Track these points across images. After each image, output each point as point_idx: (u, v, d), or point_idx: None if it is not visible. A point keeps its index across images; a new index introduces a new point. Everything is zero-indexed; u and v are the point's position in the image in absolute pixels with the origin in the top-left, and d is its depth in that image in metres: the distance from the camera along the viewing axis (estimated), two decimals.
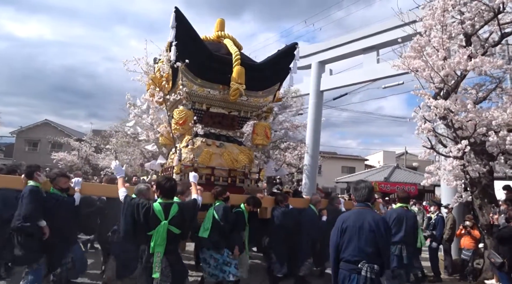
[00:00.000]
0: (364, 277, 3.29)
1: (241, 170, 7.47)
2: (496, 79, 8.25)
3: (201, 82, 7.20)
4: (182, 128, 6.92)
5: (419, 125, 6.20)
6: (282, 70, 8.05)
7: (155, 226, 3.66)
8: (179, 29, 6.73)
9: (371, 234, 3.40)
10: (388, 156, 38.45)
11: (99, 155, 22.94)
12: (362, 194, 3.65)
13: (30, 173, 4.78)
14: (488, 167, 6.63)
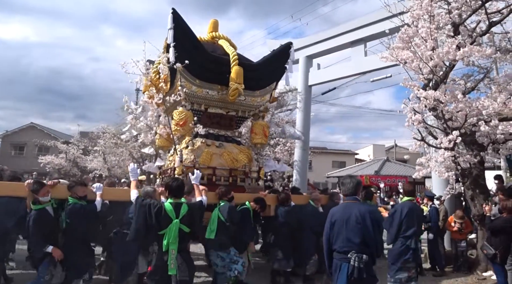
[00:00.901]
0: (352, 266, 3.52)
1: (242, 169, 7.53)
2: (484, 69, 8.25)
3: (200, 83, 7.24)
4: (183, 129, 6.97)
5: (409, 117, 6.12)
6: (278, 69, 8.12)
7: (166, 225, 3.87)
8: (177, 30, 6.72)
9: (358, 226, 3.63)
10: (377, 149, 38.64)
11: (87, 157, 22.62)
12: (349, 188, 3.89)
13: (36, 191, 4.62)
14: (479, 157, 6.59)
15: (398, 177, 20.12)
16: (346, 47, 13.36)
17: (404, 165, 25.02)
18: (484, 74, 8.09)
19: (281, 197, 6.52)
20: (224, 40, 8.15)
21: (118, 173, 20.46)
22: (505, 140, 6.29)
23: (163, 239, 3.88)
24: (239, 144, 8.12)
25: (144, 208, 3.98)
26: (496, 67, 8.56)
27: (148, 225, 3.94)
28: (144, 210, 3.96)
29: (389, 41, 7.45)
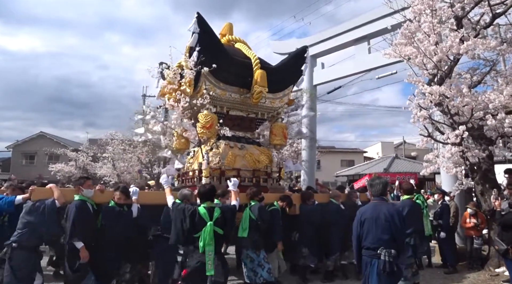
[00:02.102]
0: (383, 261, 3.77)
1: (264, 169, 7.75)
2: (490, 62, 8.13)
3: (223, 86, 7.41)
4: (209, 132, 7.14)
5: (414, 113, 6.06)
6: (295, 73, 8.33)
7: (201, 228, 4.04)
8: (202, 35, 6.89)
9: (387, 224, 3.90)
10: (386, 146, 38.29)
11: (96, 163, 22.80)
12: (378, 189, 4.19)
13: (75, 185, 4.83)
14: (488, 151, 6.49)
15: (408, 173, 19.93)
16: (350, 45, 13.31)
17: (413, 162, 24.74)
18: (490, 67, 7.98)
19: (304, 195, 6.72)
20: (241, 43, 8.35)
21: (127, 178, 20.60)
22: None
23: (199, 241, 4.03)
24: (259, 145, 8.31)
25: (179, 213, 4.19)
26: (504, 59, 8.42)
27: (184, 228, 4.12)
28: (180, 214, 4.17)
29: (392, 38, 7.39)
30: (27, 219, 4.47)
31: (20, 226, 4.48)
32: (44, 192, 4.81)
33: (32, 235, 4.47)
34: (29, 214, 4.50)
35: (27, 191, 4.95)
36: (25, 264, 4.46)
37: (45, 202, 4.63)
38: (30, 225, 4.46)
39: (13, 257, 4.36)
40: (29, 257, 4.51)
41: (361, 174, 22.48)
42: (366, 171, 22.64)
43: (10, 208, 4.75)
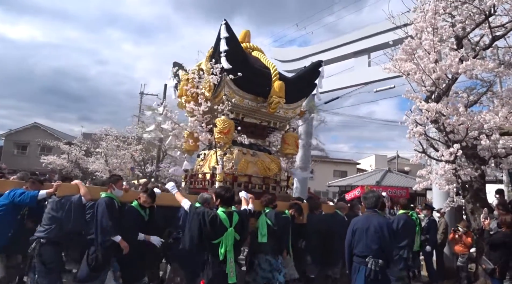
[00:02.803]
0: (369, 268, 4.07)
1: (273, 177, 7.91)
2: (487, 83, 8.24)
3: (242, 94, 7.56)
4: (226, 138, 7.26)
5: (410, 129, 6.12)
6: (309, 85, 8.57)
7: (221, 234, 3.94)
8: (229, 42, 7.04)
9: (376, 235, 4.20)
10: (379, 159, 38.53)
11: (89, 158, 22.70)
12: (371, 202, 4.52)
13: (107, 184, 4.93)
14: (480, 170, 6.56)
15: (399, 188, 20.02)
16: (350, 57, 13.45)
17: (405, 176, 24.89)
18: (487, 87, 8.08)
19: (312, 205, 6.92)
20: (258, 52, 8.52)
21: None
22: (506, 154, 6.27)
23: (219, 247, 3.91)
24: (270, 153, 8.45)
25: (198, 216, 4.03)
26: (500, 81, 8.54)
27: (202, 233, 3.99)
28: (199, 218, 4.01)
29: (393, 53, 7.47)
30: (54, 215, 4.54)
31: (47, 221, 4.54)
32: (69, 188, 4.85)
33: (60, 231, 4.55)
34: (55, 210, 4.56)
35: (46, 185, 4.99)
36: (55, 258, 4.60)
37: (72, 198, 4.69)
38: (57, 221, 4.53)
39: (42, 252, 4.44)
40: (57, 251, 4.67)
41: (353, 185, 22.53)
42: (358, 183, 22.70)
43: (33, 203, 4.71)
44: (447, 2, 6.20)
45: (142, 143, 20.53)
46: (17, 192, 4.70)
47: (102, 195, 4.78)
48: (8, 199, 4.68)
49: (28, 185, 4.90)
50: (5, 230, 4.77)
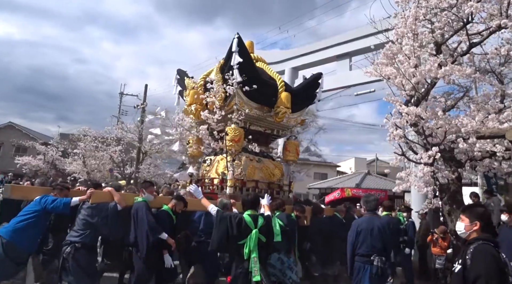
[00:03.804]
0: (376, 266, 4.43)
1: (277, 182, 8.53)
2: (464, 88, 8.48)
3: (251, 104, 8.08)
4: (237, 145, 7.69)
5: (390, 131, 6.24)
6: (310, 96, 9.24)
7: (246, 235, 4.20)
8: (241, 55, 7.51)
9: (380, 235, 4.63)
10: (359, 162, 39.09)
11: (66, 159, 22.18)
12: (372, 205, 5.01)
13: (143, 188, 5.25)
14: (457, 173, 6.73)
15: (378, 190, 20.35)
16: (332, 61, 13.61)
17: (384, 179, 25.30)
18: (464, 93, 8.32)
19: (316, 209, 7.43)
20: (262, 62, 9.07)
21: (97, 176, 20.16)
22: (482, 157, 6.46)
23: (244, 248, 4.18)
24: (273, 160, 8.98)
25: (225, 220, 4.28)
26: (476, 86, 8.79)
27: (229, 235, 4.24)
28: (226, 221, 4.26)
29: (374, 57, 7.61)
30: (89, 221, 4.74)
31: (82, 226, 4.73)
32: (103, 195, 5.04)
33: (95, 236, 4.84)
34: (91, 216, 4.76)
35: (72, 191, 5.26)
36: (90, 261, 4.84)
37: (107, 205, 4.91)
38: (92, 227, 4.74)
39: (77, 256, 4.60)
40: (92, 255, 4.91)
41: (333, 188, 22.78)
42: (338, 185, 22.95)
43: (66, 210, 4.85)
44: (427, 9, 6.36)
45: (122, 144, 20.20)
46: (48, 198, 4.81)
47: (138, 199, 5.08)
48: (40, 205, 4.76)
49: (57, 192, 5.03)
50: (37, 236, 4.90)
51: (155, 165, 21.05)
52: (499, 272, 2.32)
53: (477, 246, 2.49)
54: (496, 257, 2.38)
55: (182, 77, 9.25)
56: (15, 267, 4.64)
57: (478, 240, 2.53)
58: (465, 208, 2.89)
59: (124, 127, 20.93)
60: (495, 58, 7.19)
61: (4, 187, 5.27)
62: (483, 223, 2.63)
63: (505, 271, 2.35)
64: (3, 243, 4.48)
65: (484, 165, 6.55)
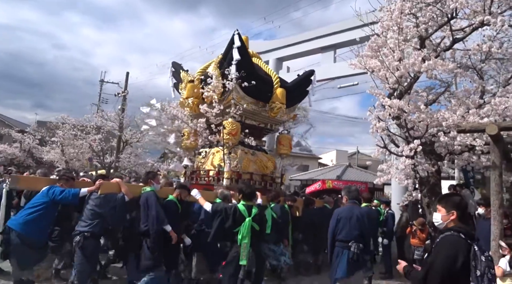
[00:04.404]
0: (352, 252, 4.71)
1: (270, 175, 8.83)
2: (445, 83, 8.63)
3: (248, 99, 8.29)
4: (234, 139, 7.90)
5: (373, 124, 6.29)
6: (303, 92, 9.63)
7: (240, 223, 4.52)
8: (241, 51, 7.79)
9: (358, 223, 4.87)
10: (340, 155, 39.45)
11: (43, 147, 21.58)
12: (353, 195, 5.26)
13: (146, 180, 5.37)
14: (436, 166, 6.87)
15: (359, 182, 20.62)
16: (316, 53, 13.63)
17: (365, 171, 25.63)
18: (445, 88, 8.47)
19: (307, 201, 7.76)
20: (257, 58, 9.41)
21: (76, 166, 19.72)
22: (461, 151, 6.60)
23: (238, 234, 4.50)
24: (266, 153, 9.26)
25: (221, 213, 4.62)
26: (456, 82, 8.94)
27: (225, 225, 4.57)
28: (221, 214, 4.60)
29: (359, 50, 7.64)
30: (98, 211, 4.87)
31: (90, 217, 4.85)
32: (111, 186, 5.17)
33: (103, 226, 4.94)
34: (99, 206, 4.90)
35: (77, 182, 5.44)
36: (96, 251, 5.03)
37: (116, 196, 5.07)
38: (100, 217, 4.87)
39: (85, 245, 4.74)
40: (98, 245, 5.09)
41: (315, 179, 22.95)
42: (319, 177, 23.12)
43: (75, 201, 4.94)
44: (413, 3, 6.39)
45: (101, 132, 19.80)
46: (56, 189, 4.88)
47: (146, 189, 5.17)
48: (48, 196, 4.84)
49: (63, 183, 5.08)
50: (47, 226, 5.03)
51: (136, 154, 20.73)
52: (455, 264, 2.26)
53: (445, 235, 2.44)
54: (459, 249, 2.31)
55: (177, 70, 9.45)
56: (36, 253, 4.84)
57: (451, 230, 2.47)
58: (441, 198, 2.81)
59: (104, 116, 20.49)
60: (477, 54, 7.32)
61: (11, 178, 5.30)
62: (460, 213, 2.55)
63: (470, 264, 2.26)
64: (17, 235, 4.66)
65: (463, 158, 6.70)
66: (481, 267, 2.26)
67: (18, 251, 4.71)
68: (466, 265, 2.27)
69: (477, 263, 2.27)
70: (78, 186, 5.15)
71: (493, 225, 4.78)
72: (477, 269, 2.25)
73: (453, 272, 2.27)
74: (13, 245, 4.69)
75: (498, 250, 4.70)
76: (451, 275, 2.27)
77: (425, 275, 2.37)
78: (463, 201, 2.68)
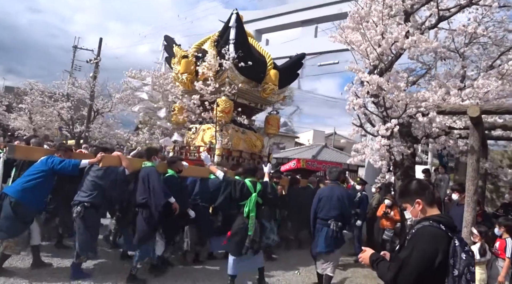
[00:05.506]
0: (331, 229, 5.03)
1: (258, 153, 9.10)
2: (426, 66, 8.40)
3: (242, 79, 8.38)
4: (227, 117, 8.06)
5: (351, 100, 5.98)
6: (294, 74, 9.80)
7: (247, 197, 4.95)
8: (238, 31, 7.99)
9: (338, 202, 5.12)
10: (317, 135, 39.40)
11: (10, 114, 20.43)
12: (334, 175, 5.44)
13: (149, 155, 5.39)
14: (412, 149, 6.68)
15: (334, 163, 20.57)
16: (297, 26, 13.15)
17: (340, 152, 25.66)
18: (426, 70, 8.25)
19: (293, 180, 7.98)
20: (251, 38, 9.50)
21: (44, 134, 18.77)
22: (438, 135, 6.40)
23: (244, 207, 4.93)
24: (255, 132, 9.47)
25: (230, 184, 5.03)
26: (436, 66, 8.71)
27: (231, 197, 4.99)
28: (230, 185, 5.01)
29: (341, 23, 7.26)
30: (98, 183, 4.94)
31: (91, 187, 4.92)
32: (112, 160, 5.23)
33: (102, 197, 4.99)
34: (100, 178, 4.97)
35: (75, 153, 5.49)
36: (95, 221, 5.13)
37: (117, 169, 5.15)
38: (100, 188, 4.95)
39: (86, 215, 4.80)
40: (98, 215, 5.17)
41: (290, 158, 22.84)
42: (295, 156, 23.00)
43: (75, 172, 4.95)
44: None
45: (71, 100, 18.83)
46: (55, 159, 4.89)
47: (147, 164, 5.25)
48: (47, 166, 4.85)
49: (61, 153, 5.09)
50: (44, 195, 5.07)
51: (108, 125, 19.88)
52: (433, 261, 1.91)
53: (423, 226, 2.03)
54: (438, 243, 1.95)
55: (170, 44, 9.47)
56: (22, 225, 4.78)
57: (429, 219, 2.06)
58: (399, 195, 2.40)
59: (75, 83, 19.46)
60: (461, 35, 7.06)
61: (8, 147, 5.23)
62: (425, 197, 2.15)
63: (448, 261, 1.92)
64: (12, 202, 4.63)
65: (440, 142, 6.50)
66: (460, 266, 1.88)
67: (5, 218, 4.66)
68: (444, 263, 1.93)
69: (455, 261, 1.89)
70: (76, 157, 5.19)
71: (467, 212, 4.60)
72: (455, 268, 1.88)
73: (430, 270, 1.92)
74: (3, 211, 4.68)
75: (470, 237, 4.55)
76: (428, 274, 1.92)
77: (397, 273, 1.98)
78: (421, 183, 2.28)
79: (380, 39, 5.87)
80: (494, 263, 4.61)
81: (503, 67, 6.35)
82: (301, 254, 7.10)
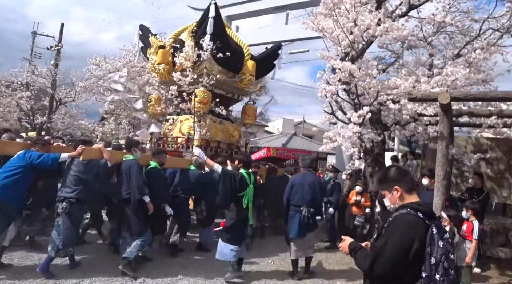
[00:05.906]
0: (303, 215, 5.21)
1: (235, 143, 9.26)
2: (395, 54, 8.54)
3: (220, 69, 8.50)
4: (205, 107, 8.16)
5: (323, 88, 5.96)
6: (270, 65, 10.02)
7: (245, 188, 5.08)
8: (216, 22, 8.02)
9: (310, 189, 5.32)
10: (287, 123, 39.62)
11: None
12: (307, 163, 5.65)
13: (129, 147, 5.39)
14: (382, 136, 6.78)
15: (304, 151, 20.76)
16: (269, 13, 13.01)
17: (310, 141, 25.94)
18: (395, 58, 8.38)
19: (271, 169, 8.19)
20: (228, 29, 9.66)
21: (3, 126, 17.73)
22: (407, 122, 6.51)
23: (243, 198, 5.05)
24: (232, 122, 9.62)
25: (229, 176, 5.05)
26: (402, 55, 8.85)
27: (231, 189, 5.00)
28: (229, 178, 5.03)
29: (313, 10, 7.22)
30: (81, 177, 4.85)
31: (74, 182, 4.82)
32: (93, 152, 5.10)
33: (87, 191, 4.91)
34: (83, 172, 4.87)
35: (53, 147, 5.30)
36: (80, 216, 5.18)
37: (99, 162, 5.06)
38: (84, 183, 4.86)
39: (71, 211, 4.75)
40: (82, 210, 5.18)
41: (260, 147, 22.85)
42: (265, 144, 23.05)
43: (55, 166, 4.78)
44: None
45: (31, 89, 17.84)
46: (33, 154, 4.70)
47: (128, 157, 5.22)
48: (25, 161, 4.66)
49: (38, 147, 4.91)
50: (23, 192, 4.81)
51: (71, 115, 19.03)
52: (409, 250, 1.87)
53: (400, 214, 2.01)
54: (416, 231, 1.92)
55: (146, 34, 9.47)
56: (6, 221, 4.65)
57: (407, 207, 2.03)
58: (378, 182, 2.39)
59: (35, 71, 18.45)
60: (430, 23, 7.19)
61: None
62: (403, 184, 2.13)
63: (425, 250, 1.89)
64: None
65: (410, 128, 6.62)
66: (437, 254, 1.86)
67: None
68: (421, 251, 1.90)
69: (432, 249, 1.87)
70: (54, 151, 4.99)
71: (436, 196, 4.70)
72: (432, 256, 1.86)
73: (407, 259, 1.89)
74: None
75: None
76: (405, 262, 1.90)
77: (373, 261, 1.97)
78: (400, 170, 2.26)
79: (352, 26, 5.86)
80: (461, 245, 4.74)
81: (470, 56, 6.51)
82: (277, 241, 7.12)
